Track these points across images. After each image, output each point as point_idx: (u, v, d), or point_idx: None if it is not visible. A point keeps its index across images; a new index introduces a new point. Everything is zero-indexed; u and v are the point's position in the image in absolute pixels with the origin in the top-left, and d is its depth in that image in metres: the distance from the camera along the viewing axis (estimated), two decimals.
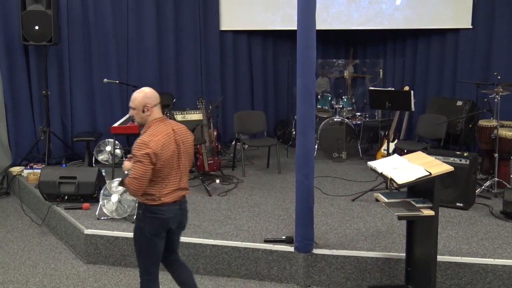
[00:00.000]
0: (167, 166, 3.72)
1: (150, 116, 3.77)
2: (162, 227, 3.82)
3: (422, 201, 4.19)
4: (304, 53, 4.61)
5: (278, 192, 6.80)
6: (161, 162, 3.66)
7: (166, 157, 3.69)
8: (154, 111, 3.77)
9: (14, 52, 7.67)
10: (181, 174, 3.86)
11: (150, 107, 3.75)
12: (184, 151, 3.86)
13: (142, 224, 3.82)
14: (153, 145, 3.62)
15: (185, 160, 3.88)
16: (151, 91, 3.82)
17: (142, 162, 3.59)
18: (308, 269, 4.92)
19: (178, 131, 3.85)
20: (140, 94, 3.78)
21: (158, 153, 3.63)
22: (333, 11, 9.09)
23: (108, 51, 8.35)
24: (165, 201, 3.76)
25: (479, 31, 8.36)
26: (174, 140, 3.79)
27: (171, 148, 3.74)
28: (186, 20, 9.00)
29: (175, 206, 3.84)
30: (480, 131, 6.89)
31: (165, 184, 3.76)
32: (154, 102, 3.77)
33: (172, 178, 3.79)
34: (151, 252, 3.87)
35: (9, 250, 5.76)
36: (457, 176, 5.72)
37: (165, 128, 3.77)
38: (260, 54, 9.85)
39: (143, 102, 3.74)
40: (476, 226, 5.50)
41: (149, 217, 3.77)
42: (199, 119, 7.93)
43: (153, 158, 3.61)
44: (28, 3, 7.29)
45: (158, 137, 3.67)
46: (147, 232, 3.79)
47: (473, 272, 4.67)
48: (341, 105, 8.72)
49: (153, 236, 3.80)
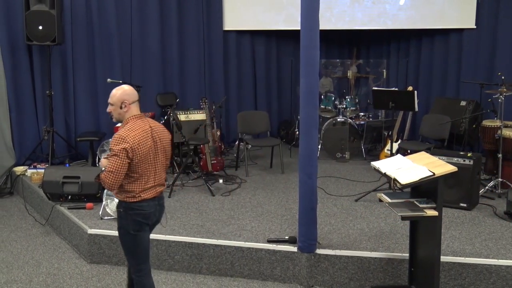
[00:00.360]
0: (144, 162, 3.78)
1: (127, 112, 3.83)
2: (144, 222, 3.88)
3: (425, 201, 4.19)
4: (307, 53, 4.61)
5: (281, 192, 6.80)
6: (137, 158, 3.72)
7: (143, 152, 3.74)
8: (131, 108, 3.84)
9: (18, 52, 7.68)
10: (159, 171, 3.92)
11: (128, 103, 3.81)
12: (161, 148, 3.93)
13: (124, 222, 3.86)
14: (130, 140, 3.68)
15: (162, 157, 3.94)
16: (130, 89, 3.89)
17: (119, 156, 3.65)
18: (311, 269, 4.91)
19: (155, 128, 3.92)
20: (119, 91, 3.84)
21: (135, 148, 3.69)
22: (336, 11, 9.08)
23: (111, 51, 8.35)
24: (145, 197, 3.82)
25: (483, 31, 8.35)
26: (151, 136, 3.85)
27: (148, 144, 3.79)
28: (189, 20, 9.00)
29: (154, 201, 3.91)
30: (484, 132, 6.87)
31: (144, 181, 3.81)
32: (132, 99, 3.84)
33: (150, 175, 3.84)
34: (138, 248, 3.92)
35: (13, 250, 5.77)
36: (461, 177, 5.72)
37: (142, 125, 3.83)
38: (263, 54, 9.86)
39: (121, 99, 3.80)
40: (480, 227, 5.48)
41: (131, 214, 3.82)
42: (202, 119, 7.94)
43: (130, 153, 3.67)
44: (32, 3, 7.30)
45: (135, 133, 3.73)
46: (131, 229, 3.84)
47: (476, 273, 4.66)
48: (344, 105, 8.71)
49: (137, 232, 3.86)
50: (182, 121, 7.57)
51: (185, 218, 5.82)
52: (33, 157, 7.82)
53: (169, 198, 6.49)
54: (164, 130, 4.01)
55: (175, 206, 6.23)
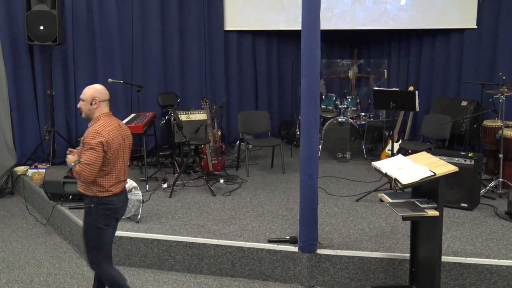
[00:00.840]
0: (115, 156, 3.98)
1: (97, 109, 4.01)
2: (113, 216, 4.07)
3: (426, 201, 4.18)
4: (308, 53, 4.61)
5: (282, 192, 6.80)
6: (111, 152, 3.92)
7: (115, 147, 3.96)
8: (101, 106, 4.02)
9: (19, 52, 7.68)
10: (125, 168, 4.15)
11: (98, 101, 4.01)
12: (127, 146, 4.15)
13: (94, 217, 4.00)
14: (105, 134, 3.89)
15: (127, 155, 4.16)
16: (102, 88, 4.11)
17: (96, 149, 3.84)
18: (312, 269, 4.92)
19: (122, 127, 4.14)
20: (92, 89, 4.06)
21: (110, 143, 3.90)
22: (337, 11, 9.08)
23: (112, 51, 8.36)
24: (115, 192, 4.02)
25: (484, 31, 8.34)
26: (121, 134, 4.06)
27: (118, 140, 4.00)
28: (190, 20, 9.00)
29: (122, 195, 4.13)
30: (484, 132, 6.87)
31: (114, 175, 4.01)
32: (103, 97, 4.04)
33: (119, 170, 4.05)
34: (103, 242, 4.08)
35: (14, 250, 5.77)
36: (462, 177, 5.72)
37: (113, 122, 4.05)
38: (264, 54, 9.86)
39: (93, 96, 4.01)
40: (481, 227, 5.48)
41: (102, 209, 3.99)
42: (203, 119, 7.95)
43: (105, 147, 3.87)
44: (33, 3, 7.30)
45: (109, 128, 3.95)
46: (101, 224, 4.00)
47: (477, 273, 4.66)
48: (345, 105, 8.72)
49: (106, 226, 4.03)
50: (183, 121, 7.58)
51: (186, 218, 5.82)
52: (34, 157, 7.82)
53: (170, 198, 6.49)
54: (128, 130, 4.23)
55: (176, 206, 6.23)
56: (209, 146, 7.43)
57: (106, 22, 8.25)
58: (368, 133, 8.79)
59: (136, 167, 7.96)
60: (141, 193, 5.77)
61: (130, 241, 5.31)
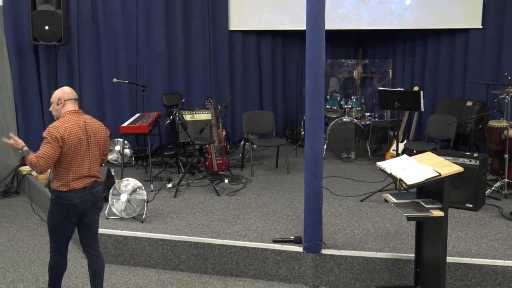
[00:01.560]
0: (74, 152, 4.12)
1: (63, 108, 4.23)
2: (72, 212, 4.22)
3: (431, 201, 4.17)
4: (313, 53, 4.61)
5: (286, 192, 6.80)
6: (67, 147, 4.06)
7: (73, 143, 4.09)
8: (67, 104, 4.24)
9: (24, 52, 7.70)
10: (91, 163, 4.25)
11: (64, 100, 4.23)
12: (95, 143, 4.28)
13: (54, 208, 4.22)
14: (61, 130, 4.06)
15: (95, 150, 4.28)
16: (69, 89, 4.35)
17: (51, 143, 4.03)
18: (317, 270, 4.91)
19: (90, 123, 4.29)
20: (59, 91, 4.30)
21: (65, 138, 4.05)
22: (342, 11, 9.08)
23: (117, 51, 8.37)
24: (74, 187, 4.15)
25: (489, 31, 8.33)
26: (85, 130, 4.21)
27: (78, 136, 4.14)
28: (195, 20, 9.01)
29: (84, 191, 4.22)
30: (490, 132, 6.85)
31: (73, 170, 4.14)
32: (68, 97, 4.27)
33: (82, 166, 4.18)
34: (61, 233, 4.30)
35: (19, 249, 5.79)
36: (467, 177, 5.71)
37: (76, 119, 4.21)
38: (269, 54, 9.86)
39: (58, 96, 4.25)
40: (486, 227, 5.47)
41: (60, 203, 4.18)
42: (208, 119, 7.95)
43: (60, 142, 4.04)
44: (38, 3, 7.31)
45: (67, 124, 4.12)
46: (58, 215, 4.20)
47: (482, 274, 4.65)
48: (350, 105, 8.71)
49: (64, 219, 4.21)
50: (187, 121, 7.58)
51: (190, 218, 5.83)
52: None
53: (175, 198, 6.50)
54: (101, 127, 4.39)
55: (180, 206, 6.24)
56: (214, 146, 7.44)
57: (111, 22, 8.27)
58: (373, 133, 8.78)
59: (141, 167, 7.97)
60: (146, 193, 5.78)
61: (135, 241, 5.32)
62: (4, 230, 6.34)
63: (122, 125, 7.16)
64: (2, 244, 5.92)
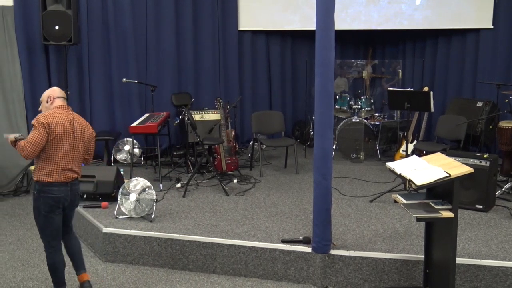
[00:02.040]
0: (58, 141, 4.29)
1: (52, 105, 4.43)
2: (55, 205, 4.35)
3: (441, 202, 4.15)
4: (322, 54, 4.59)
5: (295, 192, 6.80)
6: (53, 135, 4.25)
7: (58, 132, 4.28)
8: (55, 101, 4.44)
9: (35, 52, 7.75)
10: (74, 157, 4.42)
11: (53, 97, 4.44)
12: (80, 138, 4.45)
13: (37, 203, 4.35)
14: (49, 118, 4.27)
15: (79, 146, 4.45)
16: (57, 88, 4.56)
17: (38, 129, 4.21)
18: (325, 270, 4.90)
19: (77, 120, 4.48)
20: (47, 91, 4.50)
21: (52, 126, 4.24)
22: (352, 11, 9.06)
23: (127, 51, 8.41)
24: (56, 179, 4.31)
25: (500, 31, 8.27)
26: (72, 124, 4.39)
27: (64, 127, 4.32)
28: (204, 20, 9.02)
29: (66, 187, 4.38)
30: (500, 133, 6.81)
31: (57, 161, 4.30)
32: (57, 95, 4.47)
33: (63, 157, 4.33)
34: (50, 227, 4.41)
35: (29, 248, 5.82)
36: (477, 178, 5.68)
37: (65, 113, 4.39)
38: (278, 54, 9.86)
39: (48, 94, 4.47)
40: (496, 229, 5.43)
41: (43, 197, 4.31)
42: (217, 119, 7.96)
43: (47, 128, 4.23)
44: (49, 3, 7.35)
45: (55, 115, 4.32)
46: (43, 210, 4.33)
47: (492, 275, 4.62)
48: (359, 106, 8.69)
49: (48, 213, 4.34)
50: (196, 121, 7.59)
51: (199, 217, 5.83)
52: None
53: (184, 198, 6.51)
54: (87, 126, 4.58)
55: (189, 205, 6.25)
56: (223, 146, 7.44)
57: (121, 22, 8.31)
58: (382, 133, 8.75)
59: (150, 166, 7.99)
60: (155, 193, 5.79)
61: (144, 240, 5.33)
62: (14, 229, 6.38)
63: (131, 125, 7.18)
64: (12, 243, 5.96)
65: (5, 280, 5.03)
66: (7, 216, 6.78)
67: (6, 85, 7.57)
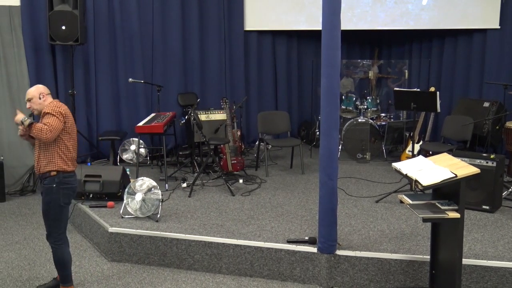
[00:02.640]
0: (71, 133, 4.45)
1: (45, 101, 4.48)
2: (72, 195, 4.54)
3: (447, 203, 4.14)
4: (328, 54, 4.59)
5: (301, 192, 6.79)
6: (68, 124, 4.41)
7: (71, 122, 4.45)
8: (48, 98, 4.52)
9: (41, 51, 7.77)
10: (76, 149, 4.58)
11: (45, 94, 4.50)
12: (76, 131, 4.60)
13: (56, 196, 4.41)
14: (63, 108, 4.42)
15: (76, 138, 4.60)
16: (43, 86, 4.58)
17: (58, 117, 4.32)
18: (331, 270, 4.90)
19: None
20: (34, 88, 4.53)
21: (67, 116, 4.41)
22: (358, 11, 9.04)
23: (133, 51, 8.42)
24: (73, 168, 4.49)
25: (507, 31, 8.25)
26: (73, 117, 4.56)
27: (72, 118, 4.50)
28: (210, 20, 9.03)
29: (76, 176, 4.61)
30: (507, 133, 6.79)
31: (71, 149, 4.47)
32: (47, 91, 4.54)
33: (73, 148, 4.50)
34: (63, 219, 4.54)
35: (35, 247, 5.84)
36: (484, 179, 5.66)
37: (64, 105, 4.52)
38: (284, 54, 9.86)
39: (38, 91, 4.49)
40: (503, 229, 5.41)
41: (63, 188, 4.42)
42: (223, 119, 7.97)
43: (65, 118, 4.37)
44: (55, 3, 7.38)
45: (65, 107, 4.46)
46: (62, 201, 4.43)
47: (499, 276, 4.60)
48: (365, 106, 8.68)
49: (66, 204, 4.50)
50: (202, 121, 7.61)
51: (205, 217, 5.84)
52: None
53: (189, 198, 6.51)
54: None
55: (195, 205, 6.25)
56: (229, 146, 7.45)
57: (127, 22, 8.32)
58: (388, 134, 8.73)
59: (156, 166, 8.01)
60: (161, 192, 5.80)
61: (150, 240, 5.34)
62: (20, 228, 6.40)
63: (137, 125, 7.19)
64: (18, 242, 5.98)
65: (11, 279, 5.05)
66: (14, 216, 6.81)
67: (13, 84, 7.60)
